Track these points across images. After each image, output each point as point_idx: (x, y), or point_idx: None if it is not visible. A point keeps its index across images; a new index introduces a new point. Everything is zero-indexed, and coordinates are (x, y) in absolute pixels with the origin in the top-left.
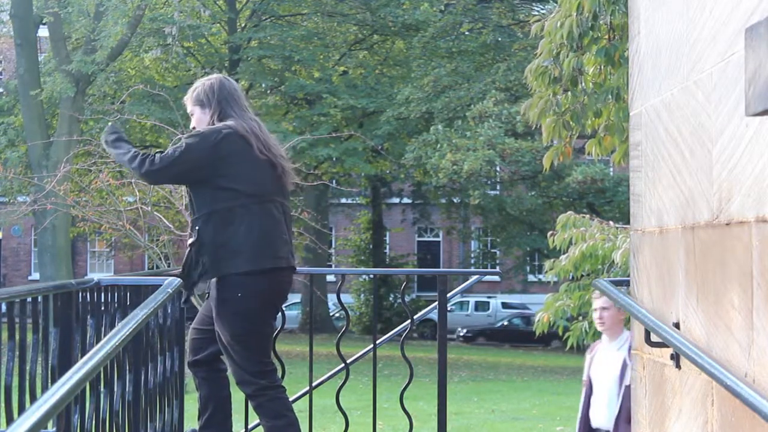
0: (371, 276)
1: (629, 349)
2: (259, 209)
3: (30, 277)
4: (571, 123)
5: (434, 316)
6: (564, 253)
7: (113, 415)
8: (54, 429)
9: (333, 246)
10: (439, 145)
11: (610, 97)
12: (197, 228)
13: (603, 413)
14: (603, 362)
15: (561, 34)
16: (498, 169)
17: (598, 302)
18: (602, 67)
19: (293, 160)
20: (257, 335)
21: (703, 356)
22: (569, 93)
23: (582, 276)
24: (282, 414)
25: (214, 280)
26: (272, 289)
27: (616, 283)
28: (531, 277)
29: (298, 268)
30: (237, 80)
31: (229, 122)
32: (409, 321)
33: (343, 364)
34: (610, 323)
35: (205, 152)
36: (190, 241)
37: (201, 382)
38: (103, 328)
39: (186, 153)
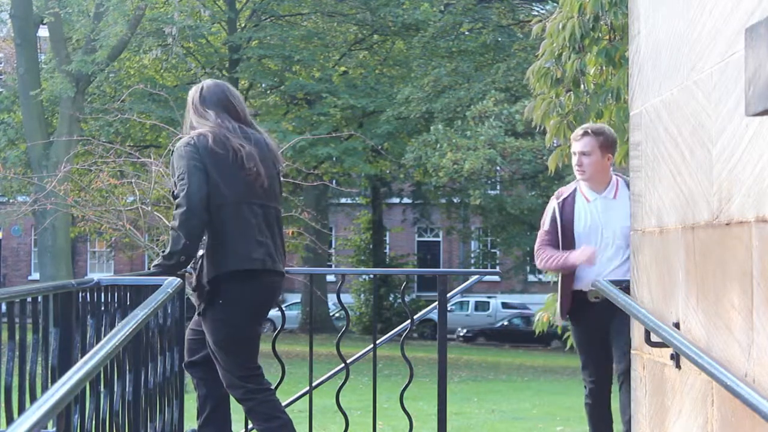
0: (371, 276)
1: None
2: (230, 213)
3: (30, 277)
4: (574, 123)
5: (434, 316)
6: None
7: (113, 415)
8: (54, 429)
9: (333, 246)
10: (439, 145)
11: (610, 97)
12: (204, 237)
13: (610, 265)
14: (596, 213)
15: (563, 35)
16: (498, 168)
17: (577, 145)
18: (603, 67)
19: (293, 160)
20: (240, 341)
21: (703, 356)
22: (572, 94)
23: None
24: (274, 416)
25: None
26: (254, 295)
27: (616, 283)
28: (531, 277)
29: (298, 269)
30: (237, 80)
31: (200, 129)
32: (409, 321)
33: (343, 364)
34: (592, 171)
35: (200, 156)
36: (200, 252)
37: (198, 381)
38: (103, 328)
39: (192, 174)
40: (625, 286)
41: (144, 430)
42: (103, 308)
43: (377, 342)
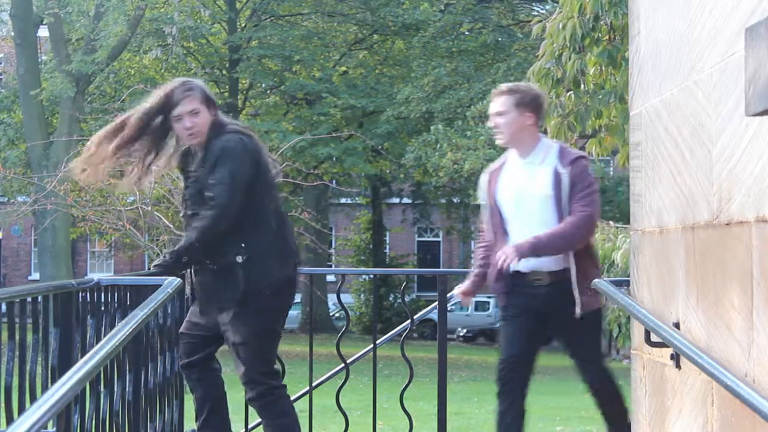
0: (371, 276)
1: (560, 158)
2: (281, 215)
3: (30, 277)
4: (574, 124)
5: (434, 316)
6: None
7: (113, 415)
8: (54, 429)
9: (333, 246)
10: (439, 145)
11: (612, 98)
12: (243, 245)
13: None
14: (518, 181)
15: (563, 35)
16: None
17: (491, 106)
18: (603, 68)
19: (293, 160)
20: (274, 334)
21: (703, 356)
22: (572, 94)
23: None
24: (287, 412)
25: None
26: (293, 289)
27: (616, 283)
28: None
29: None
30: (237, 80)
31: (239, 128)
32: (409, 321)
33: (343, 364)
34: (509, 132)
35: (250, 162)
36: (239, 259)
37: (195, 384)
38: (103, 328)
39: (233, 182)
40: (625, 286)
41: (144, 430)
42: (103, 308)
43: (377, 342)
